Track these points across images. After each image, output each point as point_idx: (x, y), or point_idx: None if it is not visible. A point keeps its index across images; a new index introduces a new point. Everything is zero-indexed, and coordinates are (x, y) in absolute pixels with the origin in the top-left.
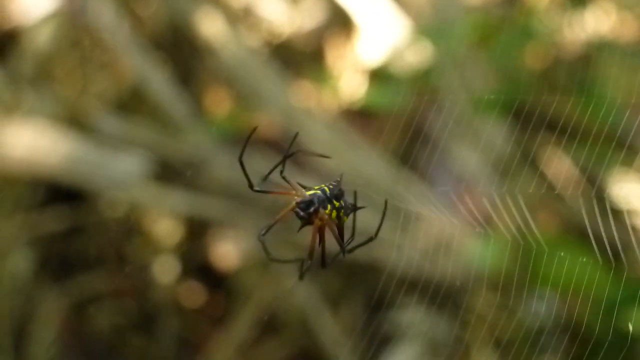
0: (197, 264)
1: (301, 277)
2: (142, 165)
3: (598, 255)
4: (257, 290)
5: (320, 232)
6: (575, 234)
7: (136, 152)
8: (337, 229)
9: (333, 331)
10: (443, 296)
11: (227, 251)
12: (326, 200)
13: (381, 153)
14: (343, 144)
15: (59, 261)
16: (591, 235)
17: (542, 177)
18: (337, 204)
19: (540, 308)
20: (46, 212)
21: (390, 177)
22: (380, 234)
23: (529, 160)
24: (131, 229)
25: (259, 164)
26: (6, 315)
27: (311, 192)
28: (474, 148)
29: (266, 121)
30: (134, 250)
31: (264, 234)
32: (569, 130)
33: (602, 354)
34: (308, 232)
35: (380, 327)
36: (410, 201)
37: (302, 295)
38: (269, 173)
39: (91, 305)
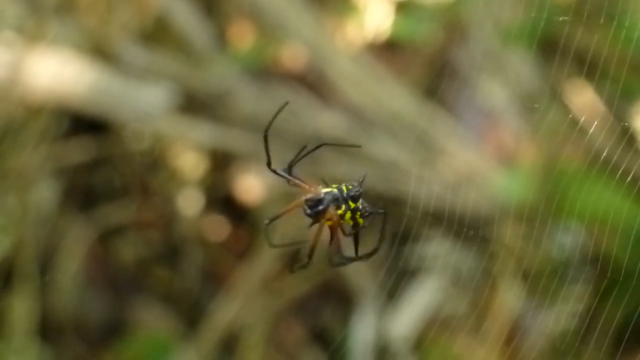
0: (221, 197)
1: (292, 270)
2: (166, 96)
3: (625, 187)
4: (281, 223)
5: (332, 231)
6: (602, 167)
7: (160, 84)
8: (354, 232)
9: (357, 264)
10: (468, 229)
11: (251, 184)
12: (341, 199)
13: (407, 87)
14: (368, 78)
15: (84, 192)
16: (619, 168)
17: (569, 110)
18: (352, 205)
19: (567, 240)
20: (71, 143)
21: (416, 111)
22: (406, 167)
23: (555, 93)
24: (155, 161)
25: (285, 97)
26: (32, 245)
27: (327, 189)
28: (500, 81)
29: (291, 53)
30: (158, 182)
31: (268, 223)
32: (596, 62)
33: (632, 285)
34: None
35: (405, 260)
36: (436, 135)
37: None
38: (297, 159)
39: (116, 237)
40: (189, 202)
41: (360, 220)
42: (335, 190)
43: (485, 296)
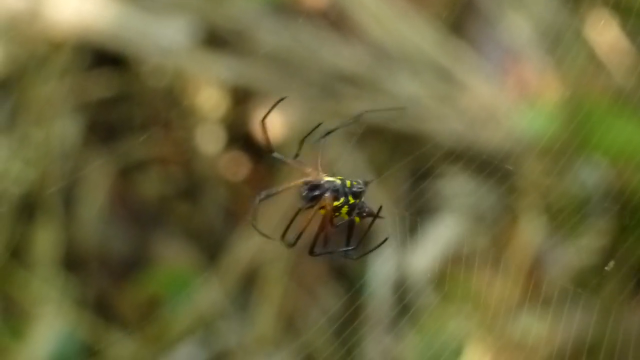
0: (241, 134)
1: (311, 254)
2: (187, 31)
3: None
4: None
5: (322, 220)
6: (625, 102)
7: (182, 18)
8: (348, 228)
9: (377, 201)
10: (490, 166)
11: (272, 122)
12: (341, 191)
13: (429, 22)
14: (391, 13)
15: (106, 127)
16: None
17: (592, 45)
18: (352, 200)
19: (590, 176)
20: (92, 78)
21: (439, 46)
22: (427, 103)
23: (579, 28)
24: (176, 97)
25: (307, 33)
26: (56, 178)
27: (330, 178)
28: (523, 16)
29: None
30: (180, 118)
31: (261, 199)
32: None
33: None
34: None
35: (425, 197)
36: (458, 70)
37: (347, 165)
38: (327, 134)
39: (138, 172)
40: (210, 139)
41: (357, 219)
42: (338, 182)
43: (506, 232)
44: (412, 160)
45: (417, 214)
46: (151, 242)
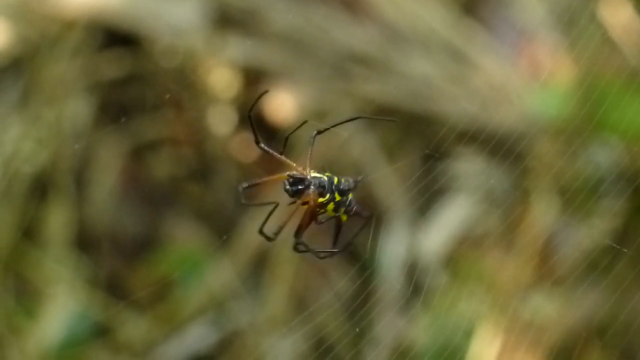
0: (253, 115)
1: (319, 256)
2: (199, 11)
3: None
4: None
5: (305, 215)
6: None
7: None
8: (335, 226)
9: (389, 182)
10: (502, 146)
11: (283, 102)
12: (327, 188)
13: (443, 2)
14: None
15: (117, 107)
16: None
17: (606, 26)
18: (338, 197)
19: (604, 157)
20: (104, 58)
21: (451, 27)
22: (439, 83)
23: (593, 9)
24: (188, 77)
25: (319, 13)
26: (68, 158)
27: (317, 174)
28: None
29: None
30: (191, 99)
31: (245, 188)
32: None
33: None
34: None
35: (438, 178)
36: (470, 51)
37: (358, 145)
38: (334, 125)
39: (149, 153)
40: (221, 120)
41: (344, 217)
42: (325, 178)
43: (519, 212)
44: (424, 141)
45: (429, 194)
46: (163, 222)
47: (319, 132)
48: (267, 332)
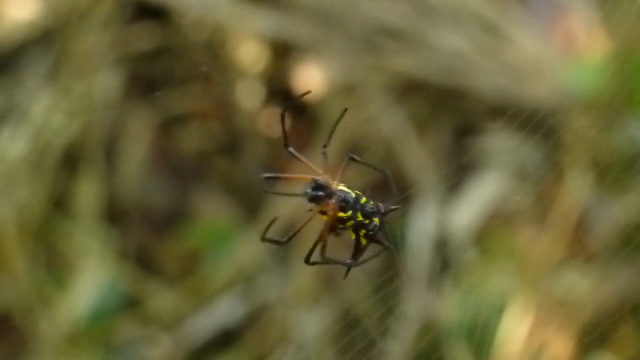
0: (281, 89)
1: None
2: None
3: None
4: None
5: (323, 227)
6: None
7: None
8: (356, 241)
9: (419, 157)
10: (535, 120)
11: (312, 76)
12: (351, 205)
13: None
14: None
15: (146, 80)
16: None
17: None
18: (360, 217)
19: (638, 131)
20: (133, 31)
21: None
22: (470, 57)
23: None
24: (216, 51)
25: None
26: (98, 131)
27: (344, 189)
28: None
29: None
30: (219, 73)
31: (267, 178)
32: None
33: None
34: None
35: (469, 153)
36: (502, 24)
37: (388, 120)
38: (354, 160)
39: (178, 127)
40: (249, 94)
41: (363, 240)
42: (352, 194)
43: (551, 188)
44: (456, 116)
45: (459, 170)
46: (191, 196)
47: (353, 159)
48: (295, 306)
